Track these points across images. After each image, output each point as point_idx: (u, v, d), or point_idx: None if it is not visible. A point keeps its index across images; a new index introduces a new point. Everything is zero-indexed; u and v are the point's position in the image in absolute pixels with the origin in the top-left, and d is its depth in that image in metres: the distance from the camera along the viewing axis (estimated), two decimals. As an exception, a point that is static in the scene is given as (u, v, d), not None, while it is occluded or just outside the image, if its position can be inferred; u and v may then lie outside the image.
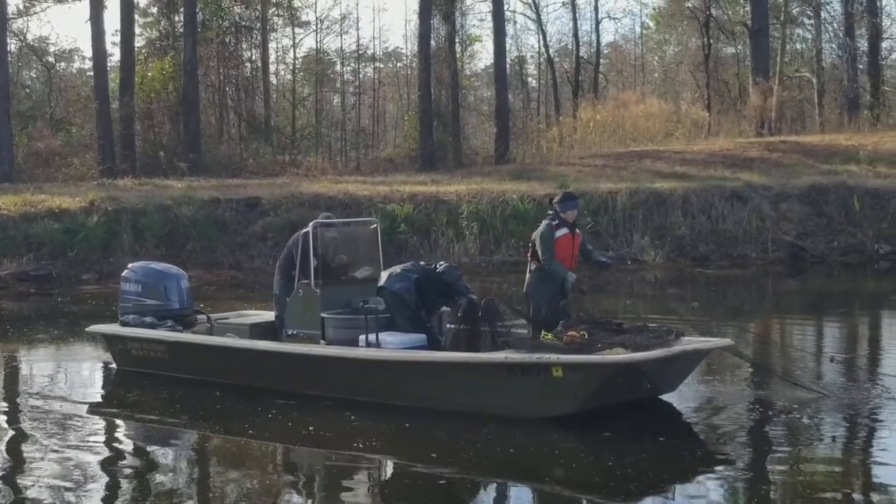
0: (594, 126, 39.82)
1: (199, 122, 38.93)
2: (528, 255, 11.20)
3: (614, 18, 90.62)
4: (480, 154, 43.52)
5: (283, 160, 40.71)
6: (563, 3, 52.19)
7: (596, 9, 53.33)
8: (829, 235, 27.02)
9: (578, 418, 9.37)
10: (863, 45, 44.78)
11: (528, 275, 11.15)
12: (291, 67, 55.61)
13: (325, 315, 11.18)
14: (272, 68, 53.97)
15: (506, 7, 46.09)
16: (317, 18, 55.44)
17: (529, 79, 57.54)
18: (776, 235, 26.74)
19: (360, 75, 58.54)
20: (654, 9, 59.34)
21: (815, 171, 30.04)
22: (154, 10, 47.10)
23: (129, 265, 13.31)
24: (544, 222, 11.03)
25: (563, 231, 10.92)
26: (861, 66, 44.51)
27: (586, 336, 9.87)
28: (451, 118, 42.04)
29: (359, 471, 8.71)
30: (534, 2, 51.15)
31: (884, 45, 48.48)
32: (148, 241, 25.11)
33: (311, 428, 9.80)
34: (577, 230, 11.18)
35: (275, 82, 54.40)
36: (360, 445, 9.14)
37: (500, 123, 41.14)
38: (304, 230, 11.64)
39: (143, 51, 43.93)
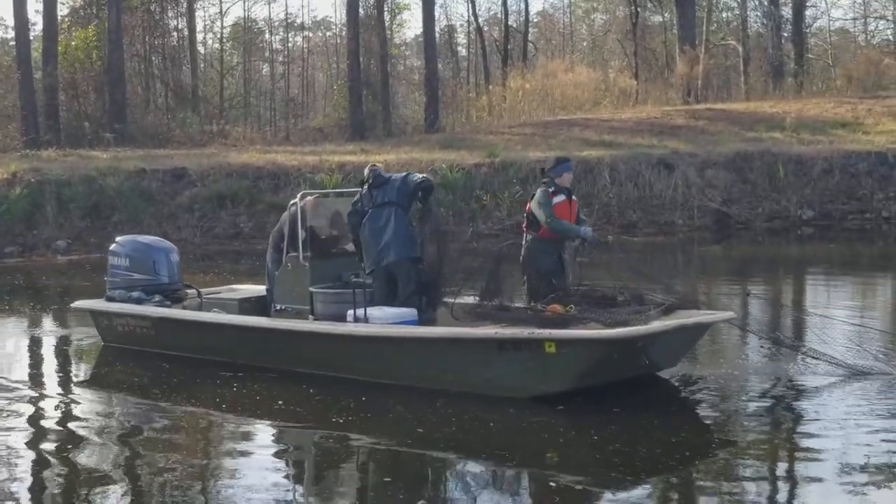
0: (523, 95, 39.92)
1: (125, 91, 38.38)
2: (524, 226, 10.73)
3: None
4: (410, 123, 43.44)
5: (210, 130, 40.23)
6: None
7: (525, -23, 53.41)
8: (754, 202, 27.42)
9: (564, 396, 9.01)
10: (787, 13, 45.37)
11: (523, 247, 10.64)
12: (219, 36, 55.12)
13: (314, 289, 10.78)
14: (200, 37, 53.50)
15: (435, -25, 45.96)
16: (244, -14, 54.99)
17: (459, 48, 57.57)
18: (702, 202, 27.10)
19: (290, 44, 58.18)
20: (582, -23, 59.59)
21: (740, 139, 30.43)
22: (78, -23, 46.27)
23: (118, 238, 12.92)
24: (539, 190, 10.58)
25: (561, 198, 10.46)
26: (785, 34, 45.06)
27: (573, 309, 9.50)
28: (380, 87, 41.91)
29: (342, 447, 8.38)
30: (463, -30, 51.11)
31: (808, 13, 49.23)
32: (73, 213, 24.77)
33: (280, 402, 9.52)
34: (574, 197, 10.72)
35: (203, 51, 53.91)
36: (340, 421, 8.85)
37: (429, 92, 41.05)
38: (293, 204, 11.24)
39: (67, 19, 43.13)
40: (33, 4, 43.00)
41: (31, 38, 39.25)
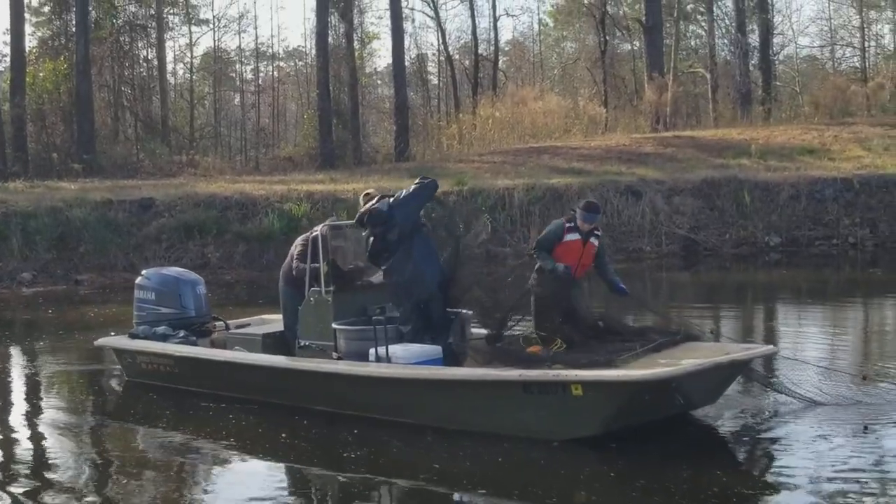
0: (493, 123, 40.06)
1: (93, 122, 38.26)
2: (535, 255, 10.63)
3: (512, 15, 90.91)
4: (381, 152, 43.54)
5: (180, 160, 40.22)
6: (462, 0, 52.35)
7: (494, 6, 53.65)
8: (721, 228, 27.51)
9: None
10: (754, 40, 45.71)
11: (533, 277, 10.52)
12: (189, 66, 55.06)
13: (336, 325, 10.45)
14: (170, 67, 53.46)
15: (404, 4, 46.28)
16: (214, 17, 55.02)
17: (430, 76, 57.69)
18: (670, 229, 27.19)
19: (262, 74, 58.20)
20: (551, 6, 59.92)
21: (708, 166, 30.54)
22: (46, 8, 46.26)
23: (143, 272, 12.78)
24: (558, 220, 10.62)
25: (574, 236, 10.33)
26: (753, 62, 45.39)
27: (563, 346, 9.46)
28: (350, 116, 41.99)
29: (362, 485, 8.25)
30: (432, -1, 51.24)
31: (775, 40, 49.66)
32: (38, 245, 24.54)
33: (283, 435, 9.50)
34: (595, 241, 10.46)
35: (173, 82, 53.83)
36: (352, 456, 8.78)
37: (399, 121, 41.15)
38: (313, 233, 10.97)
39: (36, 50, 43.10)
40: (0, 36, 42.93)
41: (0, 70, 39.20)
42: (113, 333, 13.68)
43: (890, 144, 32.09)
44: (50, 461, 9.21)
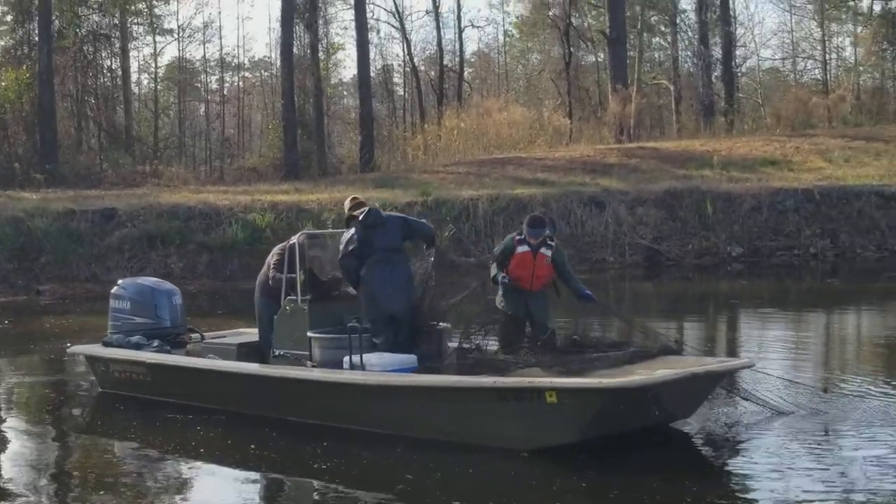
0: (458, 134, 40.11)
1: (56, 132, 38.04)
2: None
3: (478, 27, 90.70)
4: (346, 163, 43.52)
5: (143, 171, 40.03)
6: (427, 12, 52.43)
7: (459, 17, 53.55)
8: (684, 239, 27.69)
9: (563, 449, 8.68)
10: (717, 52, 46.03)
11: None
12: (154, 76, 54.81)
13: (311, 334, 10.39)
14: (134, 77, 53.20)
15: (369, 15, 46.35)
16: (178, 27, 54.71)
17: (396, 87, 57.69)
18: (633, 239, 27.33)
19: (227, 84, 58.05)
20: (516, 17, 60.10)
21: (671, 177, 30.73)
22: (9, 17, 45.92)
23: (119, 281, 12.68)
24: (512, 234, 10.87)
25: (524, 248, 10.57)
26: (716, 74, 45.72)
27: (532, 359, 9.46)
28: (315, 127, 41.95)
29: (336, 497, 8.21)
30: (397, 10, 51.35)
31: (737, 52, 49.96)
32: (-1, 255, 24.43)
33: (252, 447, 9.43)
34: (547, 251, 10.60)
35: (137, 91, 53.58)
36: (323, 467, 8.73)
37: (364, 132, 41.16)
38: (289, 243, 10.95)
39: (-2, 59, 42.86)
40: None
41: (-39, 79, 38.90)
42: (70, 344, 13.59)
43: (850, 156, 32.47)
44: (9, 477, 9.08)
